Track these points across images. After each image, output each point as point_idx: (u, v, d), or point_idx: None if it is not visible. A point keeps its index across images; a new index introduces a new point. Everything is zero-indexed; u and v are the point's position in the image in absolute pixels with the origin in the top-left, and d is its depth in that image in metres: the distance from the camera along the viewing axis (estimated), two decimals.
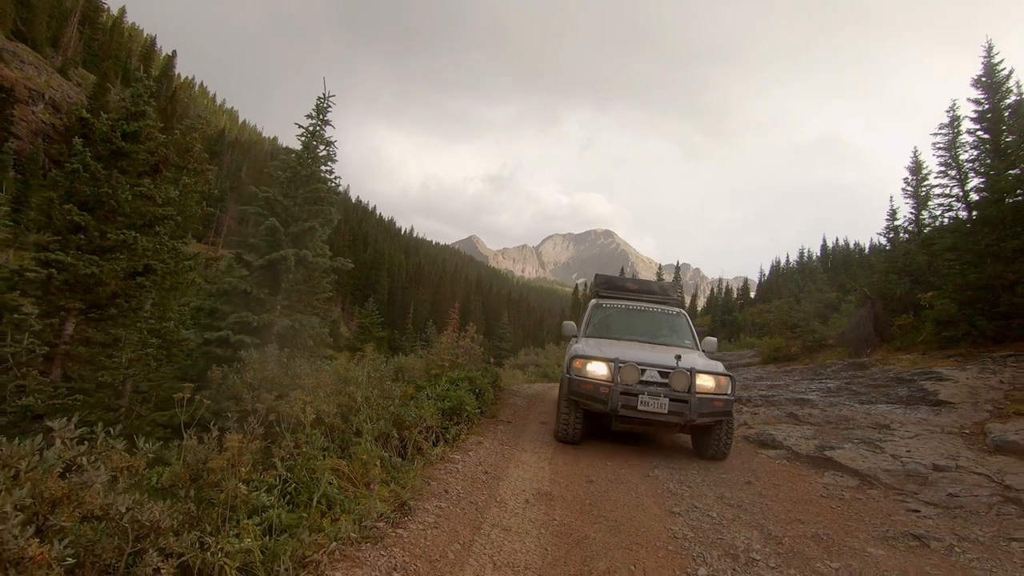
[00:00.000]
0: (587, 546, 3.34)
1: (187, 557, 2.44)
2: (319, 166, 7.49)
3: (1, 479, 1.77)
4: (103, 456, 2.06)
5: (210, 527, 2.70)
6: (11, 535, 1.48)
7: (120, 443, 2.62)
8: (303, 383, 4.19)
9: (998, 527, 4.01)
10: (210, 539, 2.56)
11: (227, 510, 2.82)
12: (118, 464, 2.09)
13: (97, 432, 2.24)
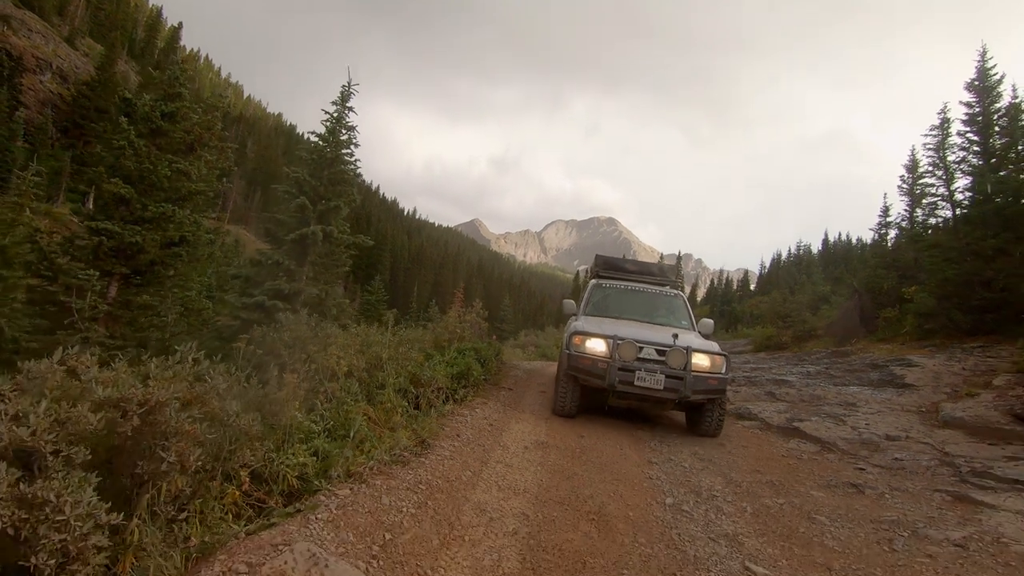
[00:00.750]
0: (575, 480, 4.02)
1: (256, 467, 3.11)
2: (342, 149, 8.10)
3: (130, 383, 2.42)
4: (212, 376, 2.70)
5: (273, 445, 3.37)
6: (173, 414, 2.12)
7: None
8: (335, 342, 4.85)
9: (928, 482, 4.68)
10: (273, 454, 3.23)
11: (285, 434, 3.49)
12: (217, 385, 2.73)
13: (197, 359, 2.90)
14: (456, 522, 3.04)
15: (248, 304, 6.64)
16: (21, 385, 2.09)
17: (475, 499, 3.40)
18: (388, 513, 2.85)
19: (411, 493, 3.18)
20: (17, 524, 1.59)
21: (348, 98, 8.12)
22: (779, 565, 3.02)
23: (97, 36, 74.00)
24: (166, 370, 2.45)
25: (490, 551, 2.80)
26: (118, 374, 2.35)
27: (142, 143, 7.08)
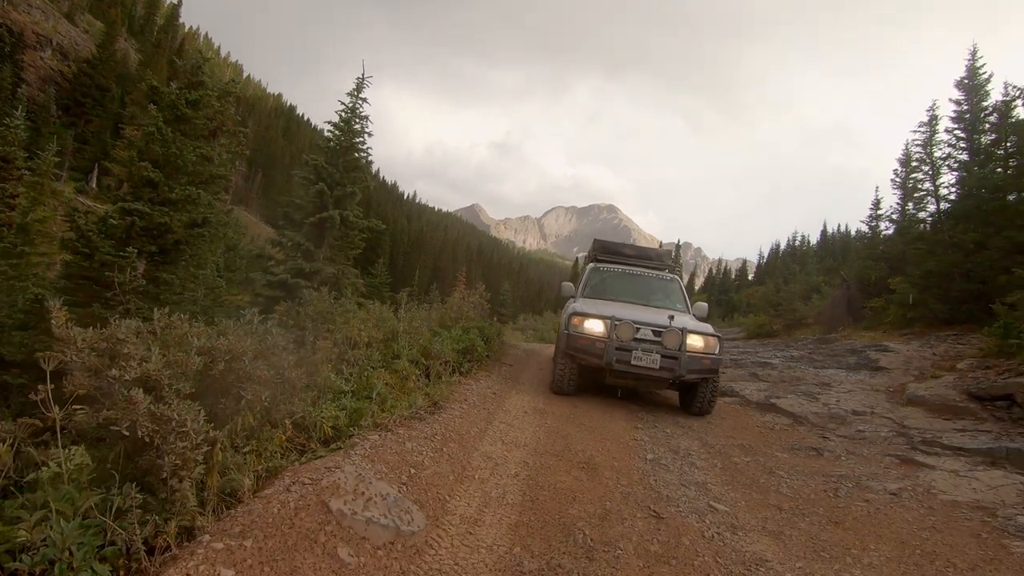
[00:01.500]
0: (569, 439, 4.59)
1: (296, 417, 3.65)
2: (356, 138, 8.58)
3: (214, 336, 2.96)
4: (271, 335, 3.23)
5: (310, 400, 3.91)
6: (249, 363, 2.66)
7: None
8: (356, 316, 5.39)
9: (882, 448, 5.27)
10: (310, 408, 3.77)
11: (319, 391, 4.04)
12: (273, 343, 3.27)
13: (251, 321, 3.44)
14: (467, 465, 3.61)
15: (272, 282, 7.18)
16: (132, 334, 2.62)
17: (482, 449, 3.97)
18: (411, 454, 3.41)
19: (429, 441, 3.74)
20: (151, 434, 2.13)
21: (362, 89, 8.58)
22: (738, 505, 3.60)
23: (96, 12, 73.33)
24: (238, 329, 2.98)
25: (496, 487, 3.37)
26: (203, 329, 2.88)
27: (168, 129, 7.58)
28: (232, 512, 2.24)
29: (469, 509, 3.01)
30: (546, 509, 3.15)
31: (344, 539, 2.32)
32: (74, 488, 2.00)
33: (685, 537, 2.99)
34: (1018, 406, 5.80)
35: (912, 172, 19.43)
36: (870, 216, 20.04)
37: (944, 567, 2.84)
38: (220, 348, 2.64)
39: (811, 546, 3.04)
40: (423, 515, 2.74)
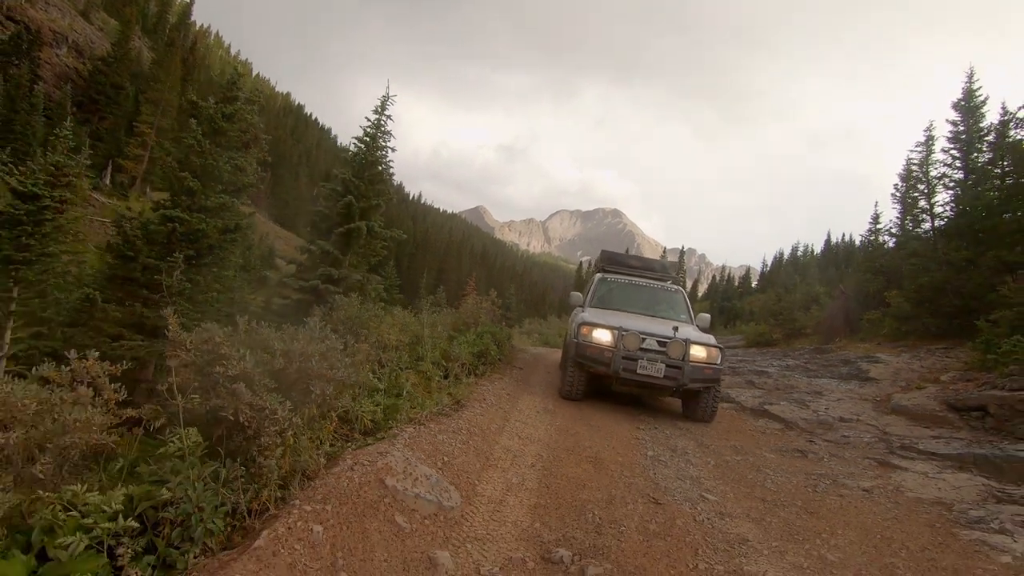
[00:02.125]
0: (577, 436, 5.10)
1: (340, 411, 4.17)
2: (380, 152, 9.12)
3: (289, 340, 3.48)
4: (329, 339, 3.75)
5: (351, 396, 4.43)
6: (316, 363, 3.19)
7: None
8: (384, 321, 5.92)
9: (862, 452, 5.76)
10: (351, 403, 4.29)
11: (359, 389, 4.56)
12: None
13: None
14: (490, 455, 4.13)
15: (304, 287, 7.71)
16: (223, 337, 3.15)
17: (502, 443, 4.49)
18: (443, 445, 3.94)
19: (456, 435, 4.26)
20: (250, 420, 2.66)
21: (386, 107, 9.13)
22: (727, 496, 4.11)
23: (111, 10, 74.26)
24: (305, 334, 3.50)
25: (516, 475, 3.89)
26: (279, 334, 3.39)
27: (206, 142, 8.12)
28: (313, 484, 2.77)
29: (495, 492, 3.53)
30: (560, 494, 3.67)
31: (399, 509, 2.84)
32: (195, 460, 2.53)
33: (679, 519, 3.50)
34: (991, 416, 6.28)
35: (912, 188, 19.94)
36: (869, 230, 20.52)
37: (898, 549, 3.35)
38: (295, 350, 3.16)
39: (787, 530, 3.55)
40: (458, 494, 3.27)
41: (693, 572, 2.88)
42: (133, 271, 7.61)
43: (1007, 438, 5.76)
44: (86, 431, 2.23)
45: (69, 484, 2.16)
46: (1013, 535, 3.53)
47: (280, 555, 2.18)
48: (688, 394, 6.55)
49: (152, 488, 2.33)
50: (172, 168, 7.67)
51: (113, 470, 2.49)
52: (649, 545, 3.11)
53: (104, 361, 2.81)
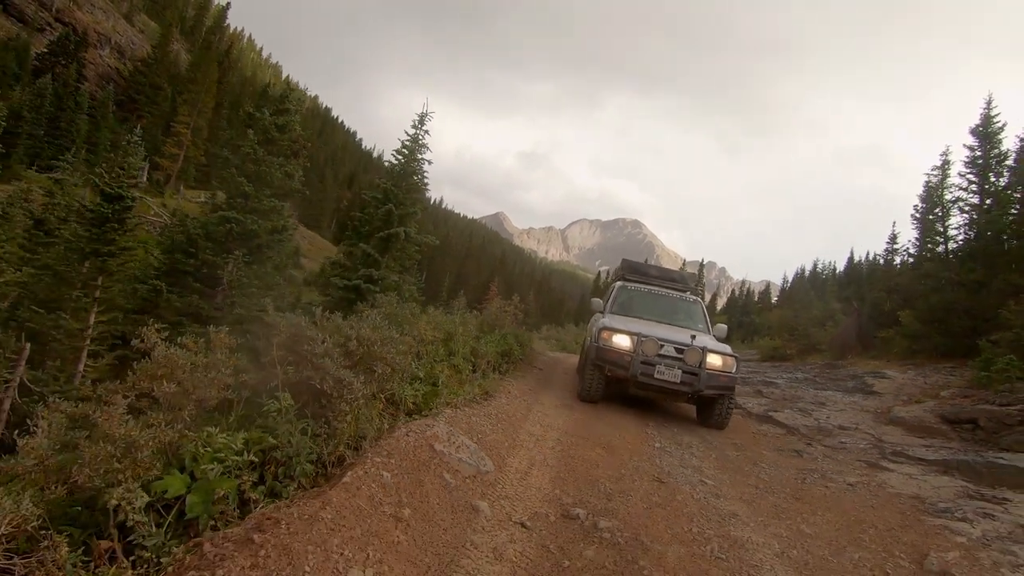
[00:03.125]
0: (592, 427, 5.69)
1: (389, 392, 4.82)
2: (416, 164, 9.85)
3: (337, 331, 4.14)
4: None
5: (397, 382, 5.08)
6: (379, 347, 3.85)
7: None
8: (420, 318, 6.58)
9: (855, 456, 6.24)
10: (396, 387, 4.94)
11: (403, 375, 5.21)
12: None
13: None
14: (516, 437, 4.75)
15: (347, 285, 8.44)
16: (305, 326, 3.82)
17: (526, 428, 5.10)
18: (477, 426, 4.57)
19: (487, 419, 4.89)
20: (332, 389, 3.31)
21: (424, 122, 9.85)
22: (723, 482, 4.66)
23: (151, 13, 77.03)
24: (368, 324, 4.16)
25: (539, 453, 4.50)
26: (348, 323, 4.06)
27: (261, 150, 8.91)
28: (379, 443, 3.42)
29: (521, 465, 4.14)
30: (576, 470, 4.27)
31: (445, 468, 3.47)
32: (291, 417, 3.19)
33: (679, 495, 4.08)
34: (981, 429, 6.72)
35: (931, 210, 20.15)
36: (886, 250, 20.75)
37: (867, 527, 3.88)
38: (364, 336, 3.82)
39: (773, 511, 4.10)
40: (492, 463, 3.89)
41: (687, 533, 3.45)
42: (191, 266, 8.42)
43: (992, 448, 6.21)
44: (218, 388, 2.90)
45: (205, 427, 2.83)
46: (973, 523, 4.03)
47: (361, 490, 2.82)
48: (703, 400, 6.72)
49: (262, 435, 2.99)
50: (231, 173, 8.50)
51: (231, 419, 3.15)
52: (651, 512, 3.69)
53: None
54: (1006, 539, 3.76)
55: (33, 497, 2.15)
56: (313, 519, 2.46)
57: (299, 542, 2.29)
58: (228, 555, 2.16)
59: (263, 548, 2.21)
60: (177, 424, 2.67)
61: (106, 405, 2.37)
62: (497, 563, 2.74)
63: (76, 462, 2.27)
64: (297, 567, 2.17)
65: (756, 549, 3.36)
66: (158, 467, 2.44)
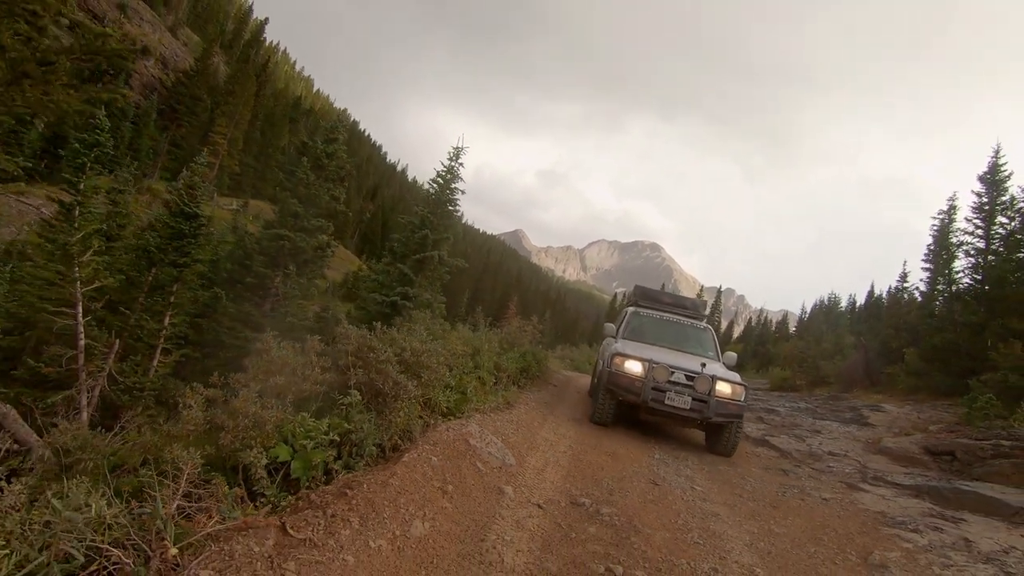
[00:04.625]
0: (600, 438, 6.45)
1: (426, 398, 5.64)
2: (451, 193, 10.80)
3: (393, 342, 5.00)
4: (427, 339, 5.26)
5: (434, 389, 5.91)
6: (427, 357, 4.67)
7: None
8: (452, 334, 7.43)
9: (838, 478, 6.88)
10: (432, 393, 5.76)
11: (439, 384, 6.04)
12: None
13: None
14: (534, 441, 5.53)
15: (384, 301, 9.35)
16: (373, 337, 4.68)
17: (542, 435, 5.89)
18: (501, 429, 5.37)
19: (510, 424, 5.69)
20: (392, 391, 4.15)
21: (460, 155, 10.79)
22: (711, 489, 5.38)
23: (194, 27, 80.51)
24: (418, 336, 5.01)
25: (553, 455, 5.27)
26: (401, 335, 4.91)
27: (311, 175, 9.93)
28: (426, 434, 4.24)
29: (538, 463, 4.93)
30: (584, 471, 5.04)
31: (478, 459, 4.28)
32: (361, 409, 4.03)
33: (670, 496, 4.82)
34: (957, 460, 7.32)
35: (940, 252, 20.60)
36: (896, 287, 21.18)
37: (829, 531, 4.57)
38: (415, 348, 4.67)
39: (750, 513, 4.81)
40: (514, 459, 4.68)
41: (673, 524, 4.20)
42: (245, 276, 9.41)
43: (964, 477, 6.81)
44: (311, 383, 3.75)
45: (300, 413, 3.68)
46: (922, 534, 4.70)
47: (417, 468, 3.64)
48: (712, 427, 6.89)
49: (340, 421, 3.83)
50: (285, 195, 9.52)
51: (313, 408, 4.00)
52: (645, 506, 4.44)
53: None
54: (947, 548, 4.43)
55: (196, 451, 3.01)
56: (385, 484, 3.29)
57: (378, 497, 3.12)
58: (329, 502, 3.00)
59: (354, 499, 3.04)
60: (284, 408, 3.53)
61: (243, 387, 3.22)
62: (519, 531, 3.52)
63: (223, 429, 3.12)
64: (378, 513, 3.00)
65: (729, 540, 4.09)
66: (274, 439, 3.29)
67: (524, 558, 3.17)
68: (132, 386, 7.20)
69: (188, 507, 2.58)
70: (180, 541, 2.30)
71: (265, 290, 9.09)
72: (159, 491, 2.39)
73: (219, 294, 9.00)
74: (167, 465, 2.76)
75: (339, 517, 2.84)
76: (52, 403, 5.84)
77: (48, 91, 2.93)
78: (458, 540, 3.17)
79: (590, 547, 3.48)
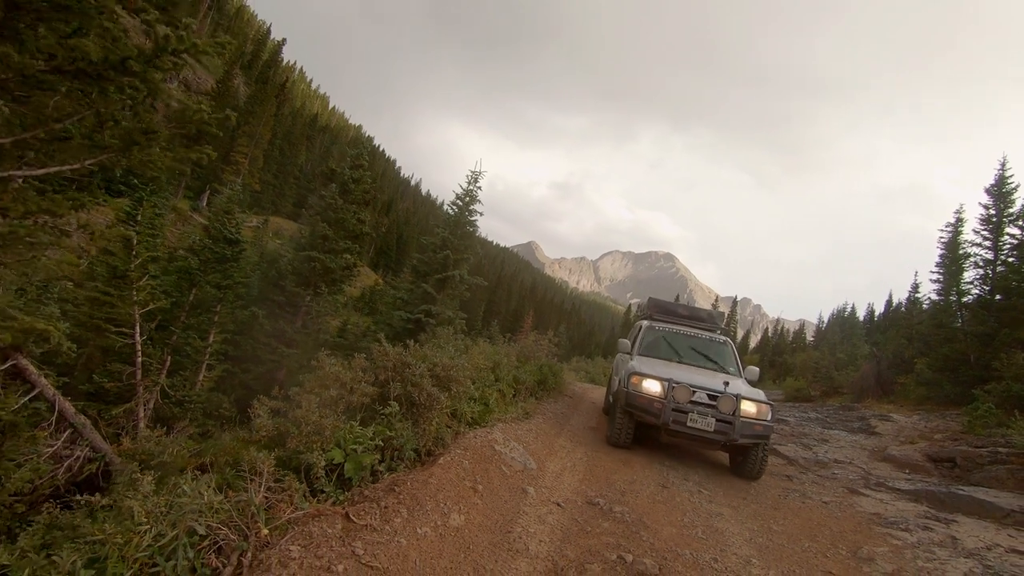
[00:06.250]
0: (614, 447, 6.91)
1: (452, 408, 6.17)
2: (469, 215, 11.41)
3: (425, 358, 5.54)
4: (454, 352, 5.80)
5: (460, 401, 6.43)
6: (456, 372, 5.20)
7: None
8: (474, 348, 7.96)
9: (841, 484, 7.25)
10: (458, 404, 6.29)
11: (464, 396, 6.57)
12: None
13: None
14: (552, 448, 6.02)
15: (409, 318, 9.94)
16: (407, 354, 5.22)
17: (559, 443, 6.38)
18: (522, 437, 5.87)
19: (530, 433, 6.19)
20: (426, 402, 4.68)
21: (478, 180, 11.40)
22: (717, 492, 5.82)
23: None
24: (447, 352, 5.56)
25: (570, 461, 5.76)
26: (432, 351, 5.45)
27: (340, 200, 10.60)
28: (457, 440, 4.77)
29: (557, 468, 5.42)
30: (598, 475, 5.51)
31: (503, 463, 4.79)
32: (400, 418, 4.57)
33: (677, 497, 5.28)
34: (958, 467, 7.65)
35: (953, 263, 20.74)
36: (908, 299, 21.32)
37: (824, 530, 5.00)
38: (445, 363, 5.21)
39: (752, 514, 5.25)
40: (535, 464, 5.18)
41: (679, 521, 4.66)
42: (278, 294, 10.08)
43: (962, 482, 7.15)
44: (359, 394, 4.31)
45: (349, 421, 4.23)
46: (912, 533, 5.09)
47: (451, 469, 4.16)
48: (737, 449, 6.60)
49: (383, 428, 4.37)
50: (315, 219, 10.22)
51: (358, 417, 4.55)
52: (654, 505, 4.91)
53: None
54: (934, 545, 4.82)
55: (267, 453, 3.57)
56: (425, 482, 3.82)
57: (420, 493, 3.65)
58: (380, 496, 3.53)
59: (401, 494, 3.57)
60: (337, 417, 4.08)
61: (307, 394, 3.78)
62: (541, 524, 4.02)
63: (289, 435, 3.68)
64: (421, 505, 3.53)
65: (730, 535, 4.54)
66: (331, 443, 3.84)
67: (546, 547, 3.67)
68: (182, 399, 7.87)
69: (270, 498, 3.12)
70: (269, 524, 2.85)
71: (296, 308, 9.75)
72: (249, 484, 2.94)
73: (256, 313, 9.70)
74: (246, 465, 3.32)
75: (391, 508, 3.37)
76: (115, 414, 6.49)
77: (150, 155, 3.55)
78: (489, 531, 3.68)
79: (604, 539, 3.96)
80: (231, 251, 9.42)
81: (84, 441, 5.25)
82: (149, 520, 2.51)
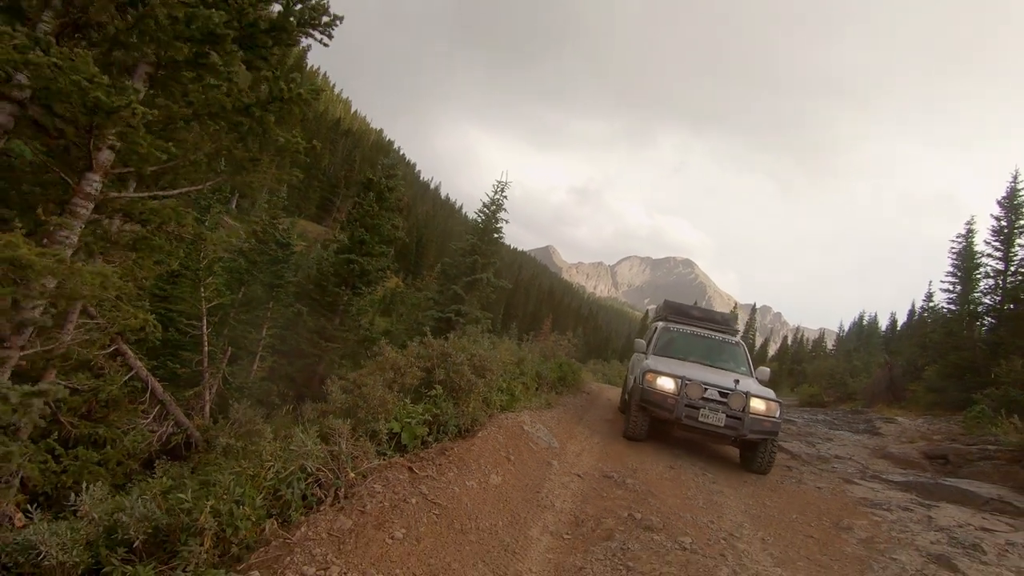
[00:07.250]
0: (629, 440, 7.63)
1: (483, 396, 6.94)
2: (495, 223, 12.24)
3: (464, 349, 6.33)
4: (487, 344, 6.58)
5: (491, 390, 7.20)
6: (490, 362, 5.99)
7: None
8: (500, 346, 8.74)
9: (838, 476, 7.84)
10: (488, 393, 7.06)
11: (494, 385, 7.34)
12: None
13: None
14: (571, 434, 6.77)
15: (440, 317, 10.75)
16: (445, 344, 6.01)
17: (578, 429, 7.12)
18: (546, 422, 6.62)
19: (552, 420, 6.94)
20: (465, 386, 5.46)
21: (504, 190, 12.22)
22: (720, 476, 6.50)
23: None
24: (482, 344, 6.34)
25: (588, 445, 6.50)
26: (469, 343, 6.23)
27: (376, 206, 11.49)
28: (491, 420, 5.54)
29: (576, 448, 6.17)
30: (612, 456, 6.24)
31: (530, 440, 5.55)
32: (446, 399, 5.35)
33: (683, 476, 5.99)
34: (949, 463, 8.21)
35: (972, 271, 21.00)
36: (922, 307, 21.60)
37: (813, 507, 5.66)
38: (482, 355, 6.00)
39: (751, 493, 5.93)
40: (558, 443, 5.94)
41: (684, 494, 5.37)
42: (319, 294, 10.99)
43: (951, 476, 7.72)
44: (411, 377, 5.11)
45: (403, 399, 5.03)
46: (892, 512, 5.73)
47: (488, 442, 4.94)
48: (746, 444, 6.90)
49: (430, 407, 5.16)
50: (353, 224, 11.16)
51: (409, 397, 5.35)
52: (662, 481, 5.63)
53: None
54: (911, 522, 5.46)
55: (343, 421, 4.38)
56: (468, 450, 4.61)
57: (464, 457, 4.44)
58: (433, 457, 4.33)
59: (449, 457, 4.36)
60: (394, 395, 4.89)
61: (371, 375, 4.59)
62: (564, 489, 4.77)
63: (358, 407, 4.49)
64: (465, 466, 4.31)
65: (727, 508, 5.24)
66: (391, 415, 4.64)
67: (569, 504, 4.43)
68: (240, 386, 8.77)
69: (351, 452, 3.92)
70: (354, 470, 3.65)
71: (335, 306, 10.65)
72: (339, 439, 3.74)
73: (301, 310, 10.62)
74: (328, 429, 4.13)
75: (443, 467, 4.16)
76: (187, 396, 7.41)
77: (252, 178, 4.40)
78: (522, 490, 4.45)
79: (617, 502, 4.71)
80: (282, 253, 10.37)
81: (171, 416, 6.14)
82: (272, 459, 3.32)
